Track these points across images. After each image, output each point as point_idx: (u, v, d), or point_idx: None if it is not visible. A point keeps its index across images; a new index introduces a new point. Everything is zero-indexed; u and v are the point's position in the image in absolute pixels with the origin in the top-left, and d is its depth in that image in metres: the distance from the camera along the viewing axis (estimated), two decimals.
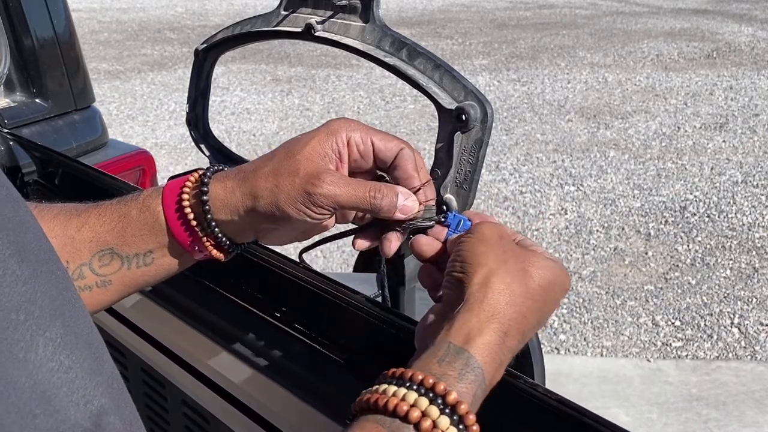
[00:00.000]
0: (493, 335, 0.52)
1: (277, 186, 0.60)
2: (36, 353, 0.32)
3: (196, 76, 0.99)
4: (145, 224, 0.63)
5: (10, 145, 1.49)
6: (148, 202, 0.64)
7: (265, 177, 0.61)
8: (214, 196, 0.62)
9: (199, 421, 0.97)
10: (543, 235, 3.99)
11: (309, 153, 0.61)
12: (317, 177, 0.60)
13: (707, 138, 5.34)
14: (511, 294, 0.54)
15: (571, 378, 2.89)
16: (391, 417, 0.48)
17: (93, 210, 0.66)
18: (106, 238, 0.64)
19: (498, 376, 0.54)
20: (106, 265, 0.64)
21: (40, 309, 0.33)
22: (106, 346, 0.39)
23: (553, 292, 0.58)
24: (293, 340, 0.84)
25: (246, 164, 0.64)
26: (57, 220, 0.65)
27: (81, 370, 0.34)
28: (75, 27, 1.93)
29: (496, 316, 0.53)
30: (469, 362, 0.51)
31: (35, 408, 0.31)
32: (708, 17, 9.58)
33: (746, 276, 3.56)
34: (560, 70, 7.20)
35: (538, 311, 0.56)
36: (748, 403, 2.71)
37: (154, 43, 8.71)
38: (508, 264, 0.56)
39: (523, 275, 0.56)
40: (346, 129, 0.63)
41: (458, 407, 0.48)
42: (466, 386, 0.50)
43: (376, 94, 6.56)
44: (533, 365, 0.90)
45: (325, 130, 0.63)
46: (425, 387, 0.49)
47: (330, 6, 0.77)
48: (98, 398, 0.34)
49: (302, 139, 0.63)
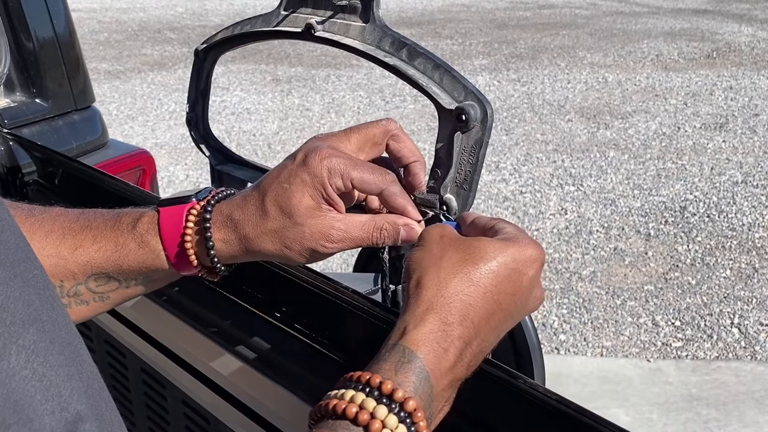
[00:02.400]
0: (429, 325, 0.54)
1: (285, 247, 0.63)
2: (8, 361, 0.32)
3: (196, 76, 0.99)
4: (145, 259, 0.65)
5: (10, 145, 1.49)
6: (147, 239, 0.65)
7: (269, 240, 0.63)
8: (219, 248, 0.65)
9: (199, 421, 0.97)
10: (543, 235, 3.99)
11: (307, 212, 0.62)
12: (324, 238, 0.63)
13: (707, 138, 5.34)
14: (446, 286, 0.56)
15: (571, 378, 2.89)
16: (332, 417, 0.51)
17: (87, 232, 0.66)
18: (101, 265, 0.65)
19: (447, 362, 0.54)
20: (103, 285, 0.66)
21: (12, 316, 0.33)
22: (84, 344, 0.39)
23: (510, 271, 0.57)
24: (293, 340, 0.84)
25: (241, 214, 0.64)
26: (50, 238, 0.65)
27: (56, 376, 0.34)
28: (75, 27, 1.93)
29: (431, 309, 0.55)
30: (404, 354, 0.53)
31: (8, 418, 0.30)
32: (708, 17, 9.57)
33: (746, 276, 3.56)
34: (560, 70, 7.20)
35: (491, 294, 0.56)
36: (748, 403, 2.71)
37: (154, 43, 8.71)
38: (444, 259, 0.57)
39: (463, 265, 0.56)
40: (328, 175, 0.62)
41: (395, 394, 0.50)
42: (404, 376, 0.52)
43: (376, 94, 6.56)
44: (533, 365, 0.90)
45: (310, 179, 0.62)
46: (362, 383, 0.51)
47: (330, 6, 0.77)
48: (74, 405, 0.34)
49: (292, 194, 0.62)
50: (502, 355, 0.88)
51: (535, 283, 0.59)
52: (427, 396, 0.52)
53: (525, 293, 0.58)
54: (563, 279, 3.58)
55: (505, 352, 0.88)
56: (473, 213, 0.66)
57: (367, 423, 0.49)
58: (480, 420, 0.66)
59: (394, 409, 0.50)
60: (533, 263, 0.58)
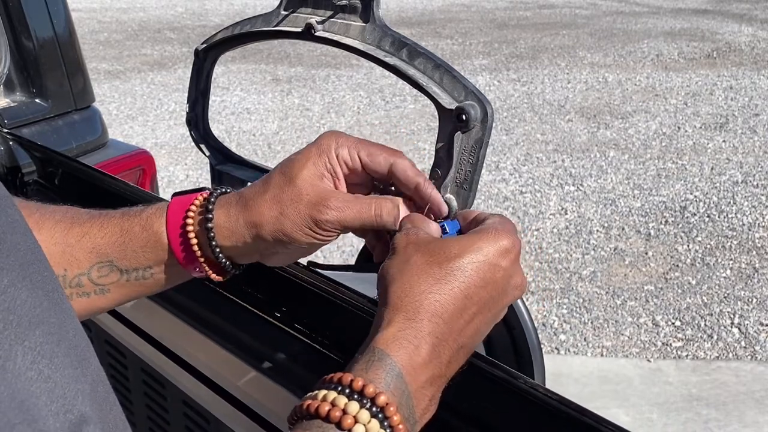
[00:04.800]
0: (397, 324, 0.55)
1: (281, 214, 0.62)
2: (14, 362, 0.32)
3: (196, 76, 0.99)
4: (147, 243, 0.64)
5: (10, 145, 1.49)
6: (151, 221, 0.65)
7: (267, 205, 0.62)
8: (219, 224, 0.64)
9: (199, 421, 0.97)
10: (543, 235, 3.99)
11: (308, 177, 0.62)
12: (322, 203, 0.61)
13: (707, 138, 5.34)
14: (412, 288, 0.56)
15: (571, 378, 2.89)
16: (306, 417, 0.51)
17: (96, 220, 0.66)
18: (106, 250, 0.65)
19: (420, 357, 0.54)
20: (105, 276, 0.65)
21: (18, 318, 0.33)
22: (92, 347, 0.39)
23: (478, 264, 0.57)
24: (293, 340, 0.84)
25: (246, 189, 0.65)
26: (59, 227, 0.65)
27: (61, 378, 0.34)
28: (75, 27, 1.93)
29: (399, 310, 0.56)
30: (375, 353, 0.54)
31: (13, 418, 0.31)
32: (708, 17, 9.58)
33: (746, 276, 3.56)
34: (560, 70, 7.20)
35: (459, 290, 0.56)
36: (748, 403, 2.71)
37: (154, 43, 8.71)
38: (409, 263, 0.58)
39: (427, 266, 0.57)
40: (335, 145, 0.63)
41: (365, 390, 0.51)
42: (374, 373, 0.52)
43: (376, 94, 6.56)
44: (533, 365, 0.90)
45: (316, 149, 0.64)
46: (334, 382, 0.52)
47: (330, 6, 0.77)
48: (78, 407, 0.34)
49: (297, 160, 0.63)
50: (502, 355, 0.88)
51: (512, 272, 0.59)
52: (400, 392, 0.53)
53: (500, 284, 0.58)
54: (563, 279, 3.58)
55: (505, 352, 0.88)
56: (474, 210, 0.66)
57: (339, 419, 0.50)
58: (480, 420, 0.66)
59: (366, 404, 0.50)
60: (506, 254, 0.58)
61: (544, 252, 3.82)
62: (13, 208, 0.38)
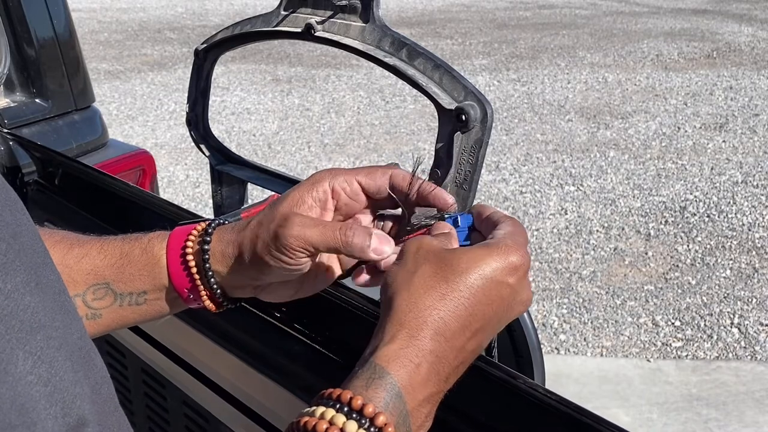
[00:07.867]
0: (399, 341, 0.54)
1: (257, 236, 0.62)
2: (16, 366, 0.33)
3: (196, 76, 0.99)
4: (146, 265, 0.65)
5: (10, 145, 1.49)
6: (152, 245, 0.66)
7: (251, 229, 0.63)
8: (213, 248, 0.64)
9: (199, 421, 0.97)
10: (543, 235, 3.99)
11: (288, 203, 0.63)
12: (285, 219, 0.61)
13: (707, 138, 5.34)
14: (417, 302, 0.55)
15: (571, 378, 2.89)
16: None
17: (96, 242, 0.67)
18: (104, 272, 0.65)
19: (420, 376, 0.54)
20: (100, 299, 0.65)
21: (20, 323, 0.34)
22: (97, 349, 0.39)
23: (485, 281, 0.56)
24: (293, 340, 0.84)
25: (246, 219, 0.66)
26: (57, 247, 0.66)
27: (61, 382, 0.35)
28: (75, 27, 1.93)
29: (402, 325, 0.55)
30: (375, 370, 0.53)
31: (13, 420, 0.32)
32: (708, 17, 9.58)
33: (746, 276, 3.56)
34: (560, 70, 7.20)
35: (465, 307, 0.55)
36: (748, 403, 2.71)
37: (154, 43, 8.71)
38: (416, 274, 0.57)
39: (434, 280, 0.56)
40: (328, 178, 0.65)
41: (365, 410, 0.50)
42: (374, 392, 0.52)
43: (376, 94, 6.56)
44: (533, 365, 0.90)
45: (309, 181, 0.65)
46: (332, 399, 0.51)
47: (330, 6, 0.77)
48: (77, 410, 0.35)
49: (289, 192, 0.65)
50: (502, 355, 0.88)
51: (519, 288, 0.58)
52: (399, 411, 0.52)
53: (506, 301, 0.57)
54: (563, 279, 3.58)
55: (505, 352, 0.89)
56: (490, 207, 0.65)
57: None
58: (480, 420, 0.66)
59: (364, 424, 0.50)
60: (514, 271, 0.57)
61: (544, 252, 3.82)
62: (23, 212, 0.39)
